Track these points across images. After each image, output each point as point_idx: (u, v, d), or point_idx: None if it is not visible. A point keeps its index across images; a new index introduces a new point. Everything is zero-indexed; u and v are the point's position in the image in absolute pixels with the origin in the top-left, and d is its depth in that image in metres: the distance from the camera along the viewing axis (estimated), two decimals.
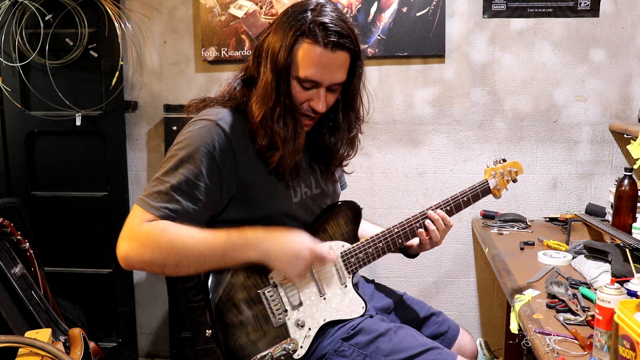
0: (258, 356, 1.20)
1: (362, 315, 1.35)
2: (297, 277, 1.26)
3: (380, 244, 1.39)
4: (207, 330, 1.25)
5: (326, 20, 1.20)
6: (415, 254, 1.52)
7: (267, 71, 1.23)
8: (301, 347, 1.26)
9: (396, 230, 1.40)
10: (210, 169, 1.21)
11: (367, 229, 1.53)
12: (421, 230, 1.40)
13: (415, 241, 1.47)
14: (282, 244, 1.23)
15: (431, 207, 1.43)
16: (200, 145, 1.20)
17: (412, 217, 1.42)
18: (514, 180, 1.52)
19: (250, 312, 1.24)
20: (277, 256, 1.22)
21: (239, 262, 1.22)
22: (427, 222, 1.40)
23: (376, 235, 1.39)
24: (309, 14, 1.22)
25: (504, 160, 1.52)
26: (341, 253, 1.37)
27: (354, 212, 1.43)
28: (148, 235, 1.16)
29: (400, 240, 1.40)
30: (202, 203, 1.21)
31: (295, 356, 1.24)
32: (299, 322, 1.27)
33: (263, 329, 1.25)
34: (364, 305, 1.35)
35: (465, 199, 1.45)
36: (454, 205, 1.44)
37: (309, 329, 1.28)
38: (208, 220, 1.26)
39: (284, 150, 1.25)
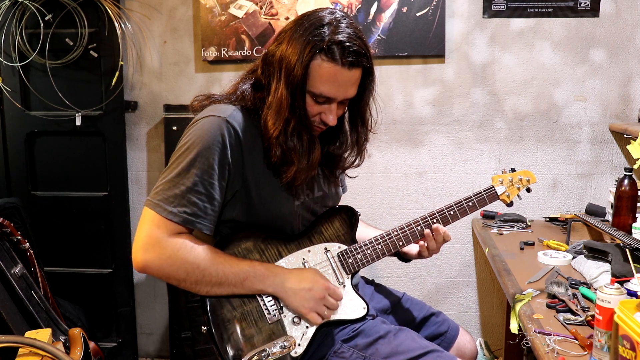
0: (254, 352, 1.21)
1: (364, 316, 1.35)
2: (309, 313, 1.26)
3: (379, 246, 1.39)
4: (203, 327, 1.25)
5: (344, 38, 1.20)
6: (409, 259, 1.53)
7: (281, 85, 1.22)
8: (299, 345, 1.26)
9: (395, 233, 1.40)
10: (221, 166, 1.22)
11: (370, 233, 1.53)
12: (424, 239, 1.41)
13: (413, 249, 1.48)
14: (300, 276, 1.26)
15: (434, 213, 1.43)
16: (211, 142, 1.20)
17: (413, 221, 1.42)
18: (528, 190, 1.50)
19: (245, 309, 1.25)
20: (292, 289, 1.25)
21: (255, 290, 1.25)
22: (427, 231, 1.41)
23: (374, 238, 1.39)
24: (325, 29, 1.21)
25: (513, 170, 1.51)
26: (338, 254, 1.37)
27: (349, 216, 1.43)
28: (177, 250, 1.18)
29: (400, 243, 1.40)
30: (217, 201, 1.23)
31: (293, 354, 1.24)
32: (294, 320, 1.27)
33: (258, 326, 1.25)
34: (365, 306, 1.35)
35: (470, 204, 1.44)
36: (458, 211, 1.43)
37: (307, 327, 1.28)
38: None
39: (299, 165, 1.26)
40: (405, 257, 1.53)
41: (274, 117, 1.23)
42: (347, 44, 1.20)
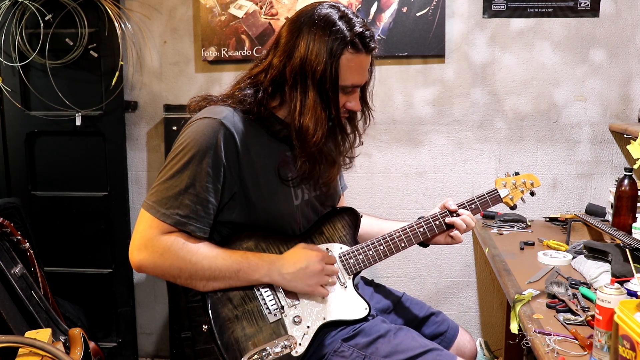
0: (255, 351, 1.21)
1: (366, 317, 1.35)
2: (315, 290, 1.27)
3: (381, 248, 1.39)
4: (203, 326, 1.25)
5: (361, 28, 1.25)
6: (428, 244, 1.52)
7: (310, 90, 1.24)
8: (300, 344, 1.26)
9: (397, 234, 1.41)
10: (216, 169, 1.22)
11: (391, 226, 1.53)
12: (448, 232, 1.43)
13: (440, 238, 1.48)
14: (293, 258, 1.27)
15: (437, 215, 1.43)
16: (206, 145, 1.20)
17: (415, 222, 1.43)
18: (532, 194, 1.52)
19: (246, 307, 1.26)
20: (290, 273, 1.25)
21: (250, 280, 1.25)
22: (454, 221, 1.42)
23: (376, 239, 1.40)
24: (340, 25, 1.24)
25: (517, 173, 1.52)
26: (339, 254, 1.37)
27: (352, 217, 1.43)
28: (168, 247, 1.19)
29: (402, 245, 1.40)
30: (211, 204, 1.23)
31: (294, 354, 1.25)
32: (295, 319, 1.28)
33: (259, 325, 1.25)
34: (366, 306, 1.35)
35: (473, 206, 1.46)
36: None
37: (308, 327, 1.28)
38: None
39: (338, 162, 1.35)
40: (425, 243, 1.51)
41: (313, 122, 1.24)
42: (366, 32, 1.26)
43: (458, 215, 1.43)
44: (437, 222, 1.43)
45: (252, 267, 1.24)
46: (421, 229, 1.42)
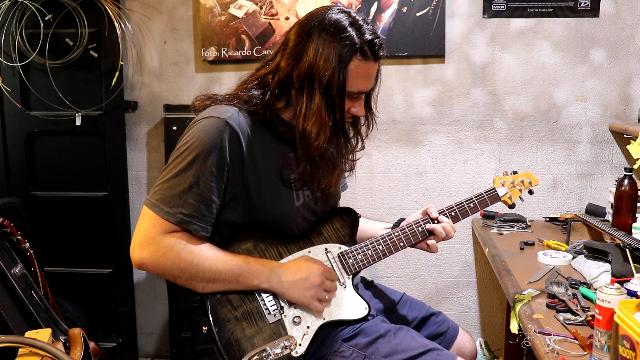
0: (255, 351, 1.21)
1: (365, 317, 1.35)
2: (311, 303, 1.26)
3: (380, 247, 1.39)
4: (203, 327, 1.25)
5: (371, 36, 1.25)
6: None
7: (317, 95, 1.24)
8: (300, 345, 1.26)
9: (396, 234, 1.41)
10: (220, 168, 1.22)
11: (376, 227, 1.54)
12: (432, 242, 1.43)
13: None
14: (294, 267, 1.27)
15: (422, 219, 1.44)
16: (211, 144, 1.20)
17: (414, 222, 1.43)
18: (530, 192, 1.52)
19: (245, 308, 1.26)
20: (289, 281, 1.25)
21: (250, 285, 1.25)
22: (435, 228, 1.41)
23: (375, 239, 1.40)
24: (351, 32, 1.23)
25: (515, 172, 1.52)
26: (338, 254, 1.37)
27: (350, 217, 1.43)
28: (170, 247, 1.19)
29: (401, 244, 1.41)
30: (214, 204, 1.23)
31: (294, 354, 1.25)
32: (295, 320, 1.28)
33: (259, 325, 1.25)
34: (366, 306, 1.35)
35: (471, 205, 1.46)
36: (460, 212, 1.45)
37: (308, 327, 1.28)
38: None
39: (340, 168, 1.36)
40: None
41: (317, 127, 1.24)
42: (376, 40, 1.25)
43: (439, 222, 1.43)
44: (435, 222, 1.43)
45: (252, 273, 1.24)
46: (419, 228, 1.42)
